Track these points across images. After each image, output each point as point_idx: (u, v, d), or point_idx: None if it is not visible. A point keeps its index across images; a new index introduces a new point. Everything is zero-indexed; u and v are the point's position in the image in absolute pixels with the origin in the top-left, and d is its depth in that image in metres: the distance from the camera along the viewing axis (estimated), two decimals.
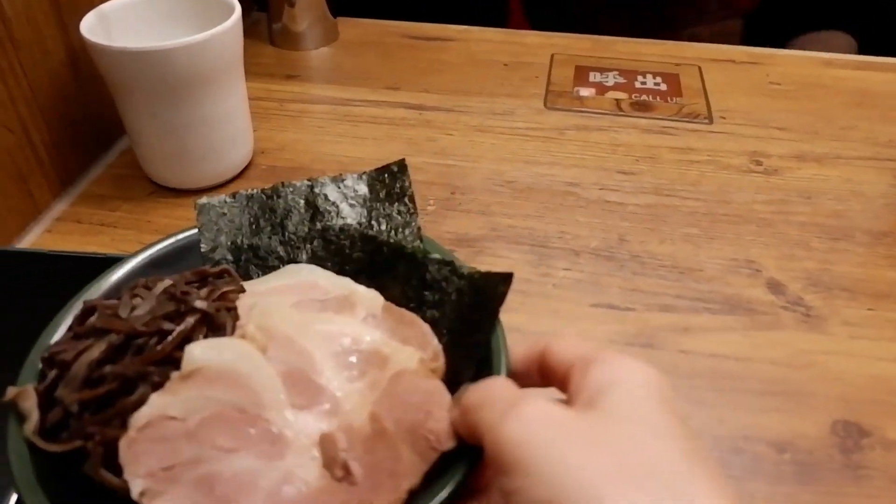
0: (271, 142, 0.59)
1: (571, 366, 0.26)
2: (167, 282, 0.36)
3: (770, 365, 0.40)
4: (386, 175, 0.42)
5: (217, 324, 0.34)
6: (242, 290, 0.38)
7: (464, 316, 0.36)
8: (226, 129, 0.51)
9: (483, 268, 0.45)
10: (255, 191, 0.42)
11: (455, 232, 0.48)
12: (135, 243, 0.47)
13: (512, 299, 0.44)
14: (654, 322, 0.42)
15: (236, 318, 0.34)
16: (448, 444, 0.29)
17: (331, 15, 0.76)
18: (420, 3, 0.80)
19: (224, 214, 0.42)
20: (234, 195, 0.42)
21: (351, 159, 0.56)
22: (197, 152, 0.50)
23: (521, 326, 0.42)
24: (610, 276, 0.45)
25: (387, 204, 0.41)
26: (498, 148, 0.57)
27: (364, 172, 0.42)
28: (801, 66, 0.71)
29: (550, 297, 0.44)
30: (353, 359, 0.34)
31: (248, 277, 0.40)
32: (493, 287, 0.35)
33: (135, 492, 0.26)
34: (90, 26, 0.47)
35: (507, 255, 0.47)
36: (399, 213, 0.41)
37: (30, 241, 0.49)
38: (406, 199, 0.41)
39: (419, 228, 0.40)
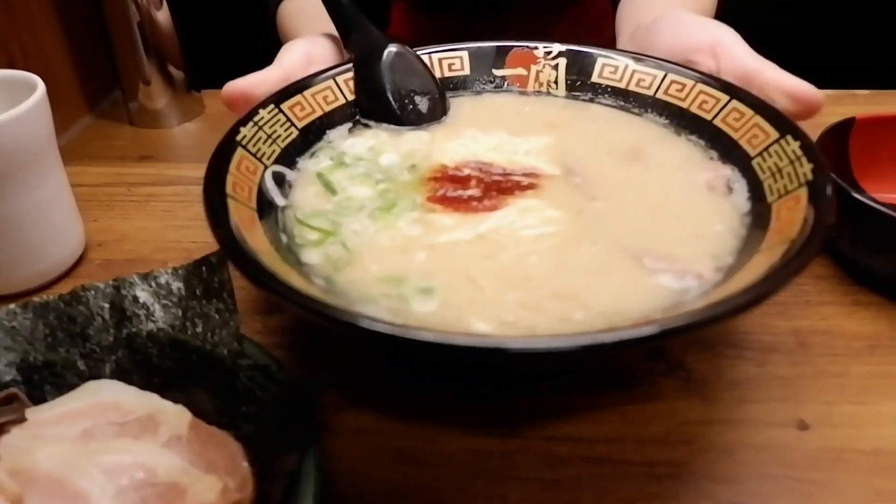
0: (112, 232, 0.53)
1: None
2: None
3: None
4: (204, 268, 0.37)
5: None
6: (23, 420, 0.32)
7: (281, 428, 0.31)
8: (40, 225, 0.45)
9: None
10: (50, 298, 0.36)
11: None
12: None
13: None
14: None
15: None
16: None
17: (194, 89, 0.71)
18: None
19: (13, 328, 0.36)
20: (24, 305, 0.36)
21: (198, 245, 0.51)
22: (5, 253, 0.45)
23: None
24: None
25: (204, 301, 0.36)
26: None
27: (180, 267, 0.37)
28: None
29: None
30: (147, 492, 0.29)
31: (42, 400, 0.35)
32: (310, 391, 0.30)
33: None
34: None
35: None
36: (217, 311, 0.36)
37: None
38: (225, 295, 0.36)
39: (238, 328, 0.35)
